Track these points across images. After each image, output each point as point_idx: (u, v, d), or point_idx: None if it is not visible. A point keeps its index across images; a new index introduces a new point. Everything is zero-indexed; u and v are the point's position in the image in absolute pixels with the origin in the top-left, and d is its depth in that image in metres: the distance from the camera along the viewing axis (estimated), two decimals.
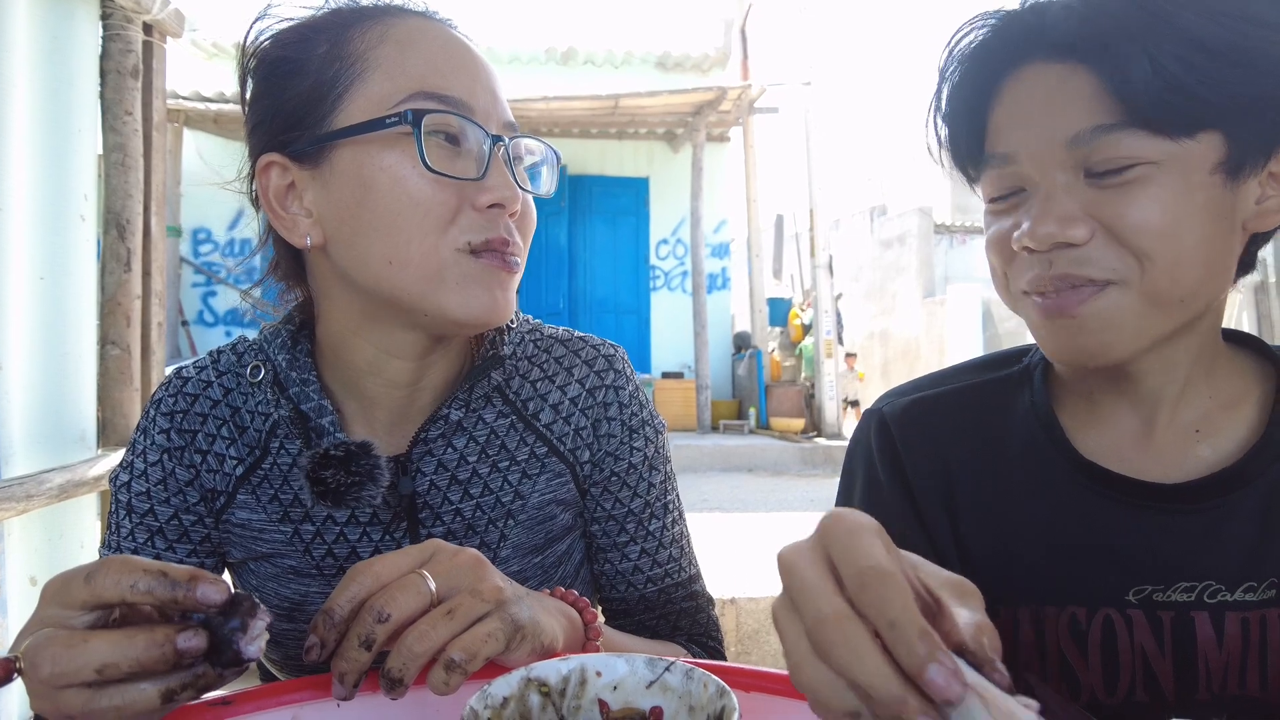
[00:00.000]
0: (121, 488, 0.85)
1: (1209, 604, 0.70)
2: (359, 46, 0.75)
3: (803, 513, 5.46)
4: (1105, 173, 0.66)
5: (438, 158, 0.72)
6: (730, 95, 8.88)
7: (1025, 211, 0.70)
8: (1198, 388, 0.74)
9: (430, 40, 0.76)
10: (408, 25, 0.76)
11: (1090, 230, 0.67)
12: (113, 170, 2.31)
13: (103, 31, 2.27)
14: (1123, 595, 0.72)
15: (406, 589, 0.58)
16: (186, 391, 0.86)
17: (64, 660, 0.48)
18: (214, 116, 8.85)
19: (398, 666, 0.55)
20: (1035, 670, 0.75)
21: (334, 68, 0.75)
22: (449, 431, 0.84)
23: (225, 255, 9.94)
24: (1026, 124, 0.69)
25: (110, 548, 0.85)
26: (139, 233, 2.37)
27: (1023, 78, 0.71)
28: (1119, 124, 0.65)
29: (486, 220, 0.74)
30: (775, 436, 9.12)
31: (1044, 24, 0.69)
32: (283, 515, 0.82)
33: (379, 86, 0.73)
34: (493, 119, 0.76)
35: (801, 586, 0.41)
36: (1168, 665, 0.71)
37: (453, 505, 0.83)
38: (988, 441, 0.81)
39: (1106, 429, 0.77)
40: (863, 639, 0.38)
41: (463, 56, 0.77)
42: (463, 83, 0.75)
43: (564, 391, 0.89)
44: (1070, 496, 0.76)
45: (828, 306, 9.12)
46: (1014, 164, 0.70)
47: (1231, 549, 0.70)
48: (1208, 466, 0.73)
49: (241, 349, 0.89)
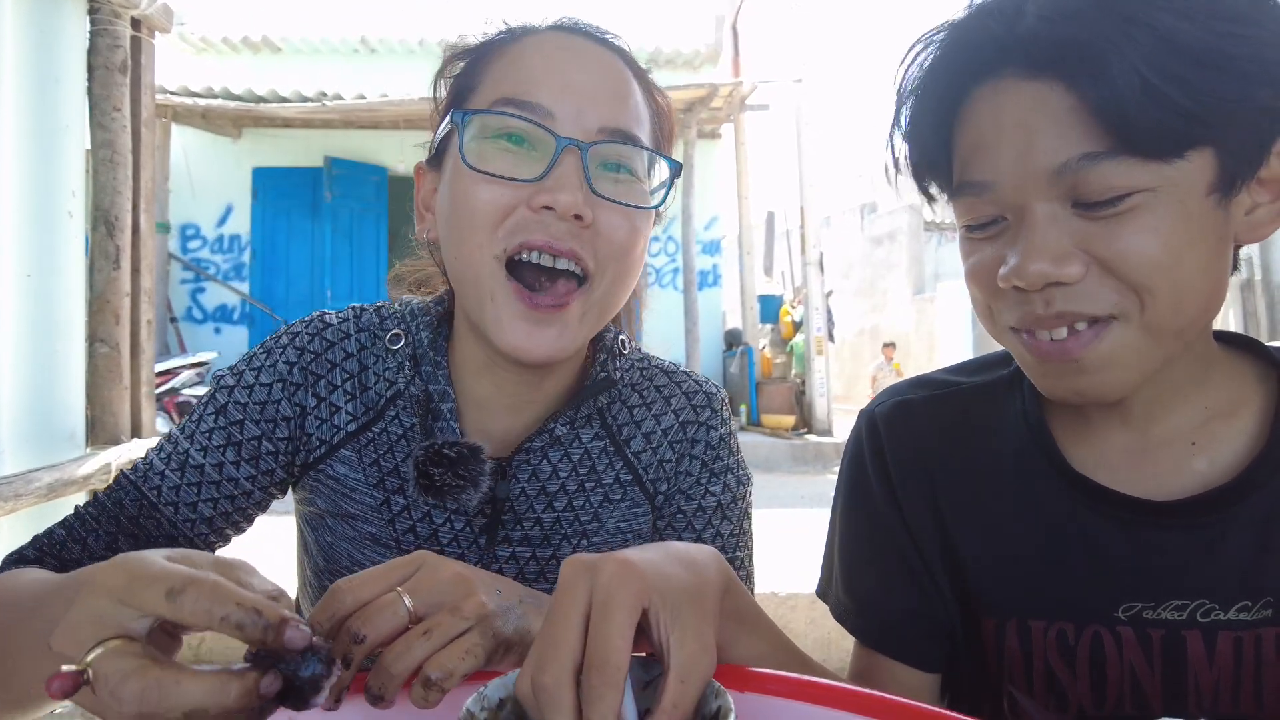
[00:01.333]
0: (223, 389, 0.85)
1: (1201, 623, 0.68)
2: (484, 64, 0.79)
3: (793, 509, 5.48)
4: (1096, 204, 0.61)
5: (495, 159, 0.74)
6: (721, 92, 8.88)
7: (1009, 244, 0.65)
8: (1192, 398, 0.71)
9: (538, 51, 0.77)
10: (533, 40, 0.79)
11: (1084, 266, 0.62)
12: (101, 167, 2.30)
13: (90, 27, 2.26)
14: (1112, 612, 0.70)
15: (383, 610, 0.58)
16: (324, 336, 0.87)
17: (154, 699, 0.46)
18: (202, 111, 8.79)
19: (377, 685, 0.57)
20: (1021, 683, 0.74)
21: (464, 82, 0.81)
22: (549, 444, 0.85)
23: (214, 252, 9.89)
24: (1003, 150, 0.64)
25: (187, 434, 0.84)
26: (128, 230, 2.35)
27: (995, 96, 0.64)
28: (1108, 151, 0.59)
29: (534, 223, 0.73)
30: (766, 433, 9.14)
31: (1015, 35, 0.62)
32: (379, 481, 0.84)
33: (479, 98, 0.78)
34: (582, 125, 0.74)
35: (554, 636, 0.49)
36: (1156, 683, 0.69)
37: (535, 515, 0.84)
38: (976, 448, 0.78)
39: (1098, 441, 0.74)
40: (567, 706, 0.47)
41: (564, 64, 0.76)
42: (551, 89, 0.75)
43: (659, 421, 0.89)
44: (1060, 510, 0.73)
45: (818, 303, 9.14)
46: (992, 192, 0.65)
47: (1226, 567, 0.67)
48: (1204, 481, 0.69)
49: (386, 313, 0.90)
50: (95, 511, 0.80)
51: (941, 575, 0.78)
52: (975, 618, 0.77)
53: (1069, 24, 0.60)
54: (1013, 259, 0.64)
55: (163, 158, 8.79)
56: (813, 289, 9.14)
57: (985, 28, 0.65)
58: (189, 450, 0.83)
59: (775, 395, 9.52)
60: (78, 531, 0.79)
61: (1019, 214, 0.65)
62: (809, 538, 4.20)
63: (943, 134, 0.69)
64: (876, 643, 0.80)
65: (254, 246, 9.85)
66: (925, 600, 0.79)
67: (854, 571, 0.83)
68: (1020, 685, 0.74)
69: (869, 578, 0.82)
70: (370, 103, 8.16)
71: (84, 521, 0.80)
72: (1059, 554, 0.73)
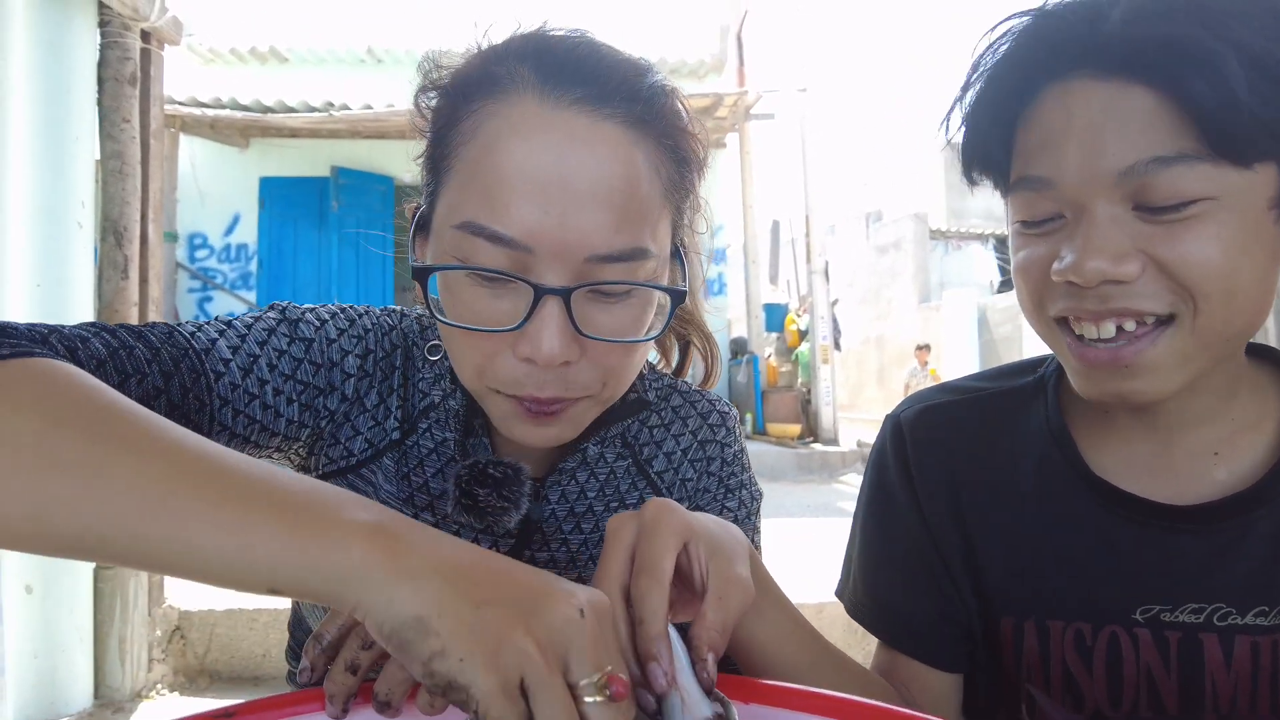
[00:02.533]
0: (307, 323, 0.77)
1: (1218, 626, 0.68)
2: (457, 134, 0.67)
3: (799, 518, 5.46)
4: (1160, 208, 0.61)
5: (469, 294, 0.65)
6: (726, 102, 8.90)
7: (1065, 240, 0.65)
8: (1219, 410, 0.71)
9: (515, 142, 0.64)
10: (510, 113, 0.65)
11: (1141, 266, 0.62)
12: (110, 178, 2.32)
13: (100, 39, 2.28)
14: (1129, 614, 0.71)
15: None
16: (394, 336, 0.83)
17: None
18: (210, 122, 8.84)
19: (384, 691, 0.56)
20: (1039, 681, 0.75)
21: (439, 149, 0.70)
22: (579, 465, 0.84)
23: (221, 261, 9.93)
24: (1070, 148, 0.63)
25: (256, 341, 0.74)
26: (136, 240, 2.37)
27: (1066, 94, 0.64)
28: (1179, 156, 0.59)
29: (522, 374, 0.66)
30: (772, 442, 9.12)
31: (1097, 35, 0.62)
32: (409, 496, 0.82)
33: (451, 197, 0.67)
34: (567, 255, 0.63)
35: (605, 564, 0.55)
36: (1173, 685, 0.69)
37: (563, 536, 0.84)
38: (999, 453, 0.79)
39: (1121, 447, 0.75)
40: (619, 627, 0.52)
41: (545, 165, 0.63)
42: (530, 212, 0.62)
43: (678, 442, 0.89)
44: (1080, 513, 0.74)
45: (824, 312, 9.13)
46: (1054, 189, 0.65)
47: (1243, 572, 0.68)
48: (1223, 488, 0.70)
49: (426, 323, 0.85)
50: (147, 354, 0.66)
51: (961, 576, 0.79)
52: (994, 617, 0.78)
53: (1155, 27, 0.60)
54: (1069, 255, 0.64)
55: (170, 167, 8.85)
56: (818, 297, 9.14)
57: (1066, 25, 0.64)
58: (258, 358, 0.73)
59: (781, 404, 9.50)
60: (124, 362, 0.64)
61: (1078, 212, 0.64)
62: (814, 547, 4.19)
63: (1004, 127, 0.68)
64: (898, 643, 0.81)
65: (261, 256, 9.89)
66: (945, 601, 0.79)
67: (875, 573, 0.84)
68: (1039, 684, 0.75)
69: (890, 579, 0.83)
70: (377, 113, 8.21)
71: (132, 356, 0.65)
72: (1078, 556, 0.74)
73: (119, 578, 2.51)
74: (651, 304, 0.70)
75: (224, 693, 2.84)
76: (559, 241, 0.62)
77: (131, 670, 2.57)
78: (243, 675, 2.96)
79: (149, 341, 0.67)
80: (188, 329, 0.72)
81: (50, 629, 2.27)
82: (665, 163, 0.70)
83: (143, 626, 2.62)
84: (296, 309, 0.79)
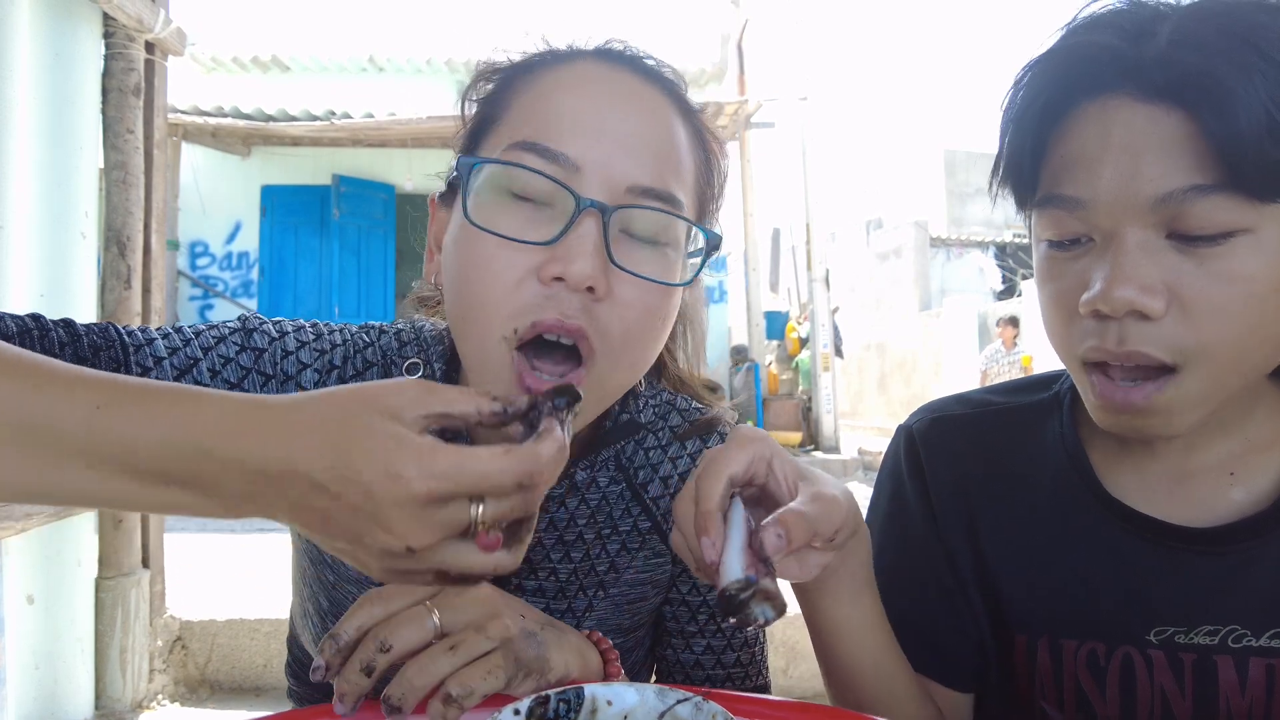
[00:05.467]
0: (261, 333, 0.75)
1: (1233, 648, 0.67)
2: (512, 91, 0.70)
3: None
4: (1195, 238, 0.59)
5: (505, 214, 0.65)
6: (727, 110, 8.91)
7: (1092, 266, 0.63)
8: (1234, 431, 0.70)
9: (573, 85, 0.68)
10: (569, 70, 0.69)
11: (1166, 304, 0.60)
12: (113, 187, 2.32)
13: (105, 50, 2.29)
14: (1144, 635, 0.70)
15: (411, 621, 0.59)
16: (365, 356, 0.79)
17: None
18: (212, 130, 8.86)
19: (397, 695, 0.56)
20: (1052, 700, 0.74)
21: (488, 111, 0.72)
22: (566, 491, 0.80)
23: (223, 269, 9.94)
24: (1105, 169, 0.61)
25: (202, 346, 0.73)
26: (139, 249, 2.37)
27: (1104, 113, 0.62)
28: (1217, 185, 0.57)
29: (545, 296, 0.64)
30: None
31: (1142, 56, 0.60)
32: None
33: (499, 136, 0.69)
34: (610, 182, 0.65)
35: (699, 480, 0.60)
36: (1187, 707, 0.69)
37: (551, 564, 0.80)
38: (1013, 469, 0.79)
39: (1136, 468, 0.73)
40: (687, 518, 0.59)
41: (600, 105, 0.67)
42: (580, 137, 0.65)
43: (675, 464, 0.84)
44: (1095, 532, 0.73)
45: (825, 319, 9.13)
46: (1084, 210, 0.63)
47: (1260, 594, 0.67)
48: (1239, 509, 0.69)
49: (406, 338, 0.82)
50: (64, 337, 0.67)
51: (975, 592, 0.79)
52: (1007, 634, 0.77)
53: (1201, 53, 0.58)
54: (1098, 283, 0.62)
55: (172, 176, 8.86)
56: (819, 305, 9.14)
57: (1107, 44, 0.62)
58: (198, 362, 0.72)
59: (782, 411, 9.49)
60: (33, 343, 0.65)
61: (1108, 237, 0.63)
62: None
63: (1039, 141, 0.66)
64: (914, 661, 0.80)
65: (262, 264, 9.90)
66: (959, 619, 0.79)
67: (889, 588, 0.83)
68: (1052, 702, 0.74)
69: (905, 596, 0.82)
70: (378, 121, 8.22)
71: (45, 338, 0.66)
72: (1092, 575, 0.73)
73: (120, 588, 2.50)
74: (679, 261, 0.71)
75: (225, 703, 2.83)
76: (605, 165, 0.65)
77: (132, 680, 2.56)
78: (243, 686, 2.95)
79: (74, 330, 0.68)
80: (130, 328, 0.72)
81: (51, 639, 2.26)
82: (697, 162, 0.73)
83: (144, 637, 2.61)
84: (259, 319, 0.78)
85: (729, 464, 0.59)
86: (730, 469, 0.59)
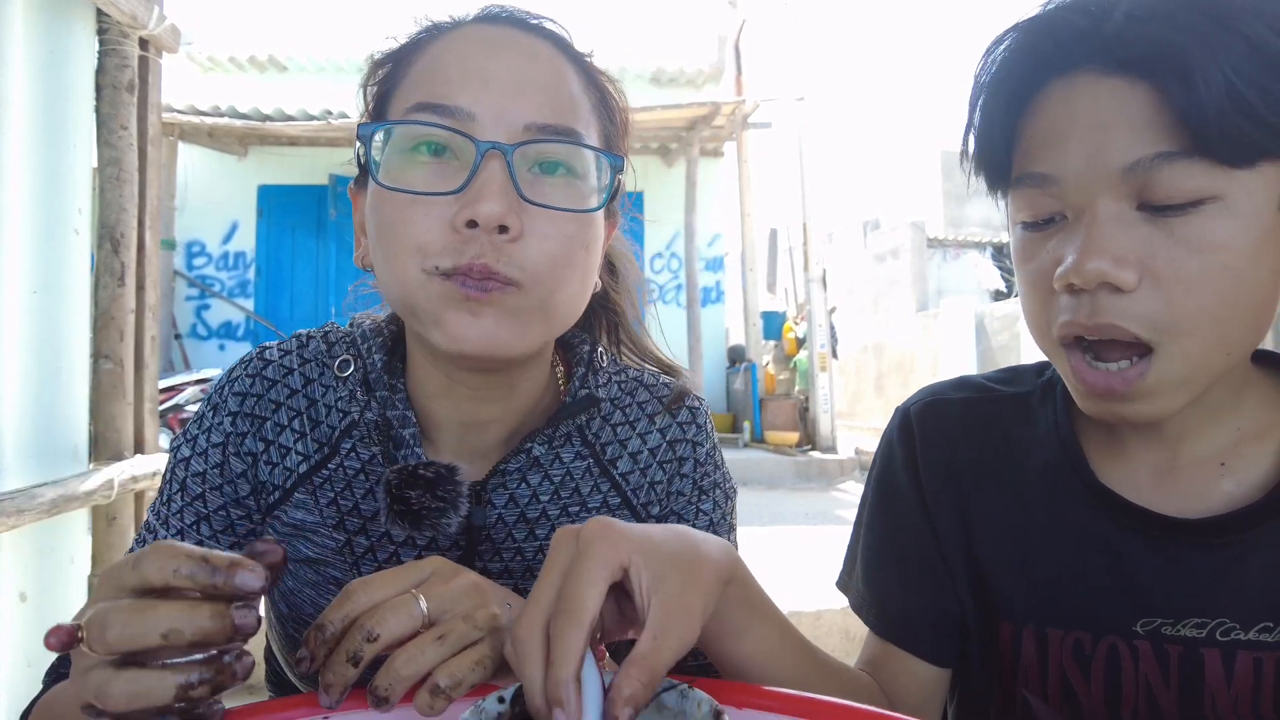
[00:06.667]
0: (180, 463, 0.80)
1: (1220, 641, 0.67)
2: (403, 67, 0.73)
3: (797, 526, 5.45)
4: (1167, 207, 0.60)
5: (414, 173, 0.68)
6: (724, 110, 8.92)
7: (1066, 242, 0.64)
8: (1225, 420, 0.70)
9: (457, 46, 0.71)
10: (453, 35, 0.72)
11: (1138, 277, 0.61)
12: (107, 184, 2.31)
13: (99, 46, 2.28)
14: (1130, 625, 0.70)
15: (398, 610, 0.58)
16: (265, 375, 0.81)
17: (134, 623, 0.48)
18: (209, 129, 8.86)
19: (384, 686, 0.56)
20: (1036, 689, 0.74)
21: (383, 89, 0.75)
22: (527, 466, 0.80)
23: (219, 269, 9.93)
24: (1073, 143, 0.62)
25: (159, 518, 0.81)
26: (133, 247, 2.37)
27: (1070, 89, 0.63)
28: (1182, 151, 0.58)
29: (462, 242, 0.66)
30: (770, 450, 9.11)
31: (1101, 32, 0.62)
32: (339, 522, 0.78)
33: (396, 105, 0.72)
34: (507, 124, 0.67)
35: (534, 592, 0.53)
36: (1172, 699, 0.68)
37: (516, 543, 0.80)
38: (1006, 456, 0.79)
39: (1128, 458, 0.74)
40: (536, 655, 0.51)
41: (485, 58, 0.69)
42: (469, 88, 0.68)
43: (644, 440, 0.85)
44: (1085, 522, 0.73)
45: (822, 320, 9.14)
46: (1057, 186, 0.64)
47: (1249, 586, 0.67)
48: (1230, 501, 0.69)
49: (334, 338, 0.84)
50: None
51: (961, 575, 0.79)
52: (993, 620, 0.77)
53: (1159, 24, 0.59)
54: (1070, 257, 0.62)
55: (169, 175, 8.85)
56: (816, 305, 9.14)
57: (1070, 22, 0.64)
58: (166, 538, 0.79)
59: (779, 412, 9.50)
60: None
61: (1080, 211, 0.63)
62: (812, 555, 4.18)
63: (1009, 123, 0.68)
64: (890, 634, 0.81)
65: (259, 263, 9.89)
66: (942, 597, 0.79)
67: (875, 564, 0.84)
68: (1035, 690, 0.74)
69: (889, 571, 0.83)
70: None
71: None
72: (1081, 565, 0.73)
73: None
74: (592, 193, 0.72)
75: None
76: (498, 108, 0.67)
77: None
78: None
79: None
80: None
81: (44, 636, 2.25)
82: (594, 102, 0.75)
83: None
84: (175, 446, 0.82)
85: (588, 606, 0.50)
86: (591, 612, 0.50)
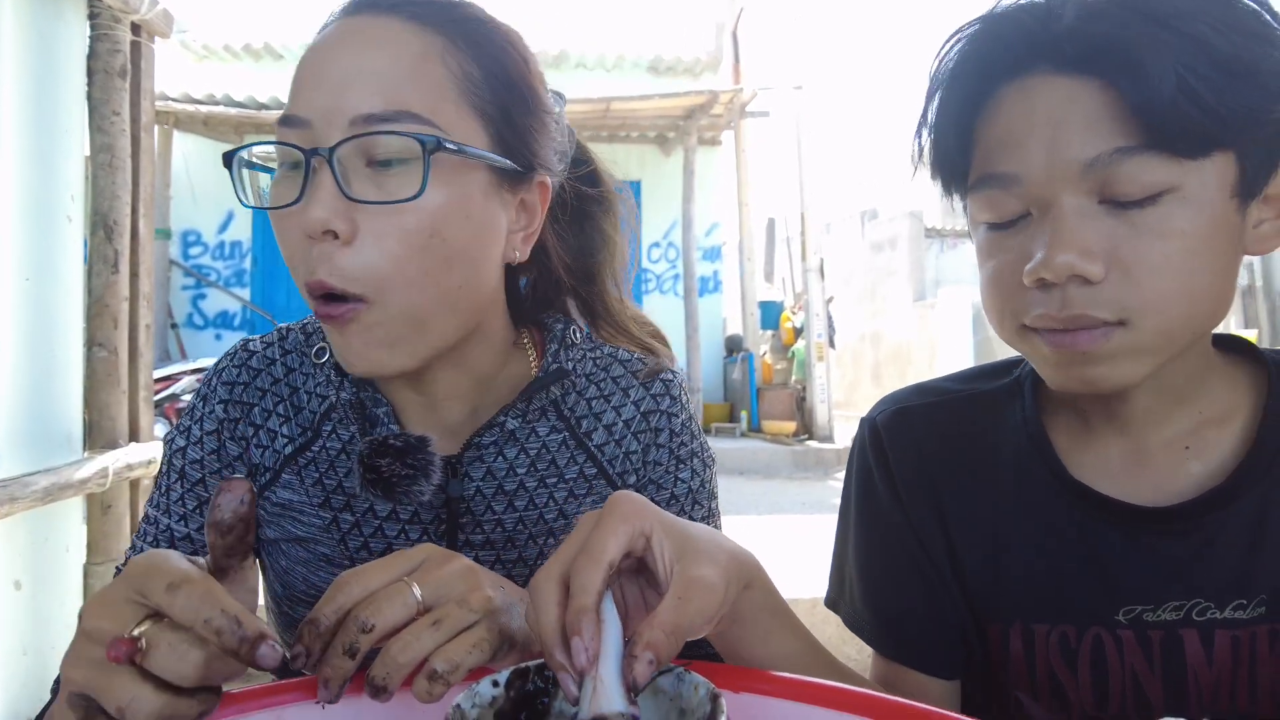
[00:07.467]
0: (176, 452, 0.84)
1: (1198, 621, 0.69)
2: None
3: (794, 515, 5.46)
4: (1127, 202, 0.62)
5: (278, 188, 0.70)
6: (722, 99, 8.90)
7: (1032, 240, 0.65)
8: (1188, 405, 0.72)
9: (312, 50, 0.71)
10: (322, 34, 0.72)
11: (1105, 268, 0.62)
12: (100, 171, 2.30)
13: (90, 31, 2.26)
14: (1113, 615, 0.71)
15: (392, 599, 0.57)
16: (250, 365, 0.85)
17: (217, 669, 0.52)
18: (204, 119, 8.82)
19: (381, 675, 0.55)
20: (1025, 686, 0.74)
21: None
22: (502, 440, 0.82)
23: (215, 258, 9.90)
24: (1033, 143, 0.64)
25: (160, 508, 0.83)
26: (126, 234, 2.35)
27: (1025, 91, 0.65)
28: (1139, 146, 0.60)
29: (312, 257, 0.67)
30: (767, 439, 9.13)
31: (1053, 33, 0.63)
32: (324, 500, 0.81)
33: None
34: (335, 123, 0.66)
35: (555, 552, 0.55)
36: (1157, 685, 0.69)
37: (495, 515, 0.81)
38: (977, 455, 0.79)
39: (1097, 448, 0.75)
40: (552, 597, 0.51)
41: (327, 56, 0.69)
42: (306, 93, 0.68)
43: (619, 413, 0.86)
44: (1060, 516, 0.74)
45: (819, 309, 9.14)
46: (1020, 185, 0.65)
47: (1220, 566, 0.69)
48: (1198, 484, 0.71)
49: (311, 328, 0.87)
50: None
51: (951, 578, 0.79)
52: (982, 623, 0.77)
53: (1107, 24, 0.61)
54: (1039, 252, 0.63)
55: (164, 164, 8.82)
56: (813, 295, 9.14)
57: (1020, 24, 0.65)
58: (170, 525, 0.82)
59: (776, 401, 9.51)
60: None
61: (1045, 208, 0.64)
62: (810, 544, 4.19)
63: (964, 128, 0.69)
64: (897, 654, 0.80)
65: (255, 253, 9.87)
66: (939, 607, 0.79)
67: (869, 583, 0.83)
68: (1025, 689, 0.74)
69: (885, 588, 0.82)
70: None
71: None
72: (1060, 559, 0.73)
73: (109, 574, 2.49)
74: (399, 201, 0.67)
75: None
76: (327, 109, 0.66)
77: None
78: None
79: None
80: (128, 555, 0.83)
81: (40, 625, 2.25)
82: (465, 61, 0.71)
83: None
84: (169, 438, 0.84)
85: (608, 548, 0.52)
86: (610, 555, 0.52)
